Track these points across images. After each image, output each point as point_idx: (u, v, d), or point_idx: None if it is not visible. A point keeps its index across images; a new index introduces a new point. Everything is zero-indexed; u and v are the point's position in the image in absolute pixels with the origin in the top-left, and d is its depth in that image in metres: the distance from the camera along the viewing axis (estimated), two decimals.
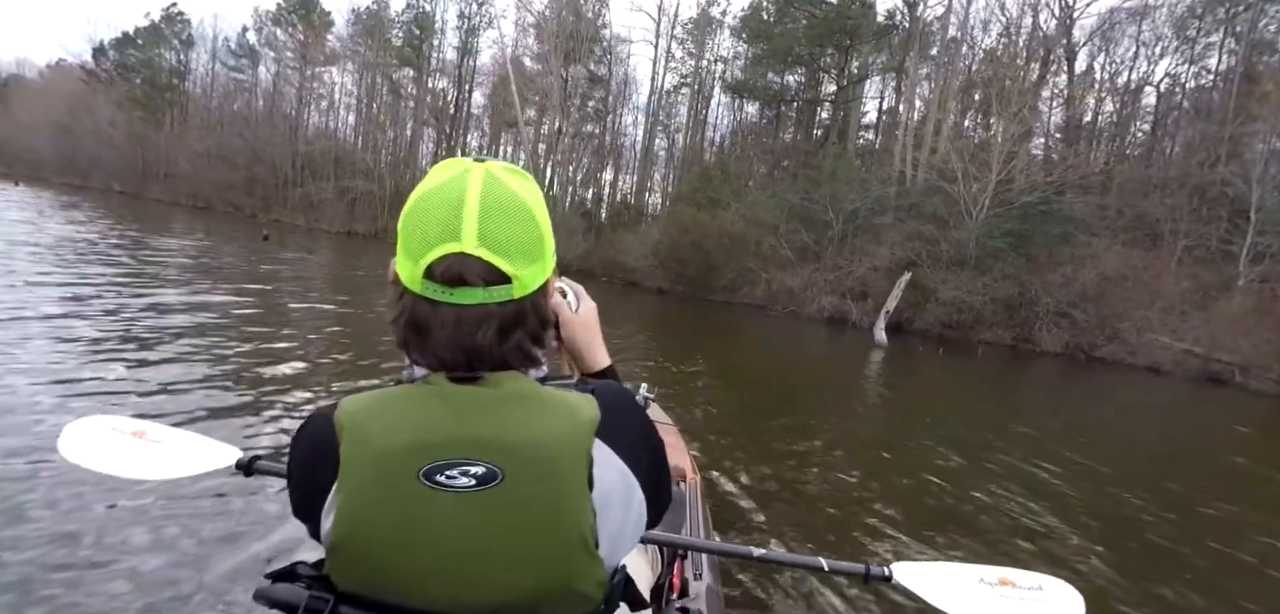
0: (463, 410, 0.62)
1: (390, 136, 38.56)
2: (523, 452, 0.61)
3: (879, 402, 9.00)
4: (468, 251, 0.62)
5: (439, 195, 0.64)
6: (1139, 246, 21.44)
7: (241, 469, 1.21)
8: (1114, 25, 26.96)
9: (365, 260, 19.98)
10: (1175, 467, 7.08)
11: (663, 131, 37.08)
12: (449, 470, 0.60)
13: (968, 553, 3.68)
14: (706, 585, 1.57)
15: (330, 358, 6.18)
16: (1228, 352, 18.74)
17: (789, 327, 18.69)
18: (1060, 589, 1.17)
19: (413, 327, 0.65)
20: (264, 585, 0.70)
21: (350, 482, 0.61)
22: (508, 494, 0.61)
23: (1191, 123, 24.76)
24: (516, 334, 0.66)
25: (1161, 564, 3.93)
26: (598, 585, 0.66)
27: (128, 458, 1.21)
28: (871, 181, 24.00)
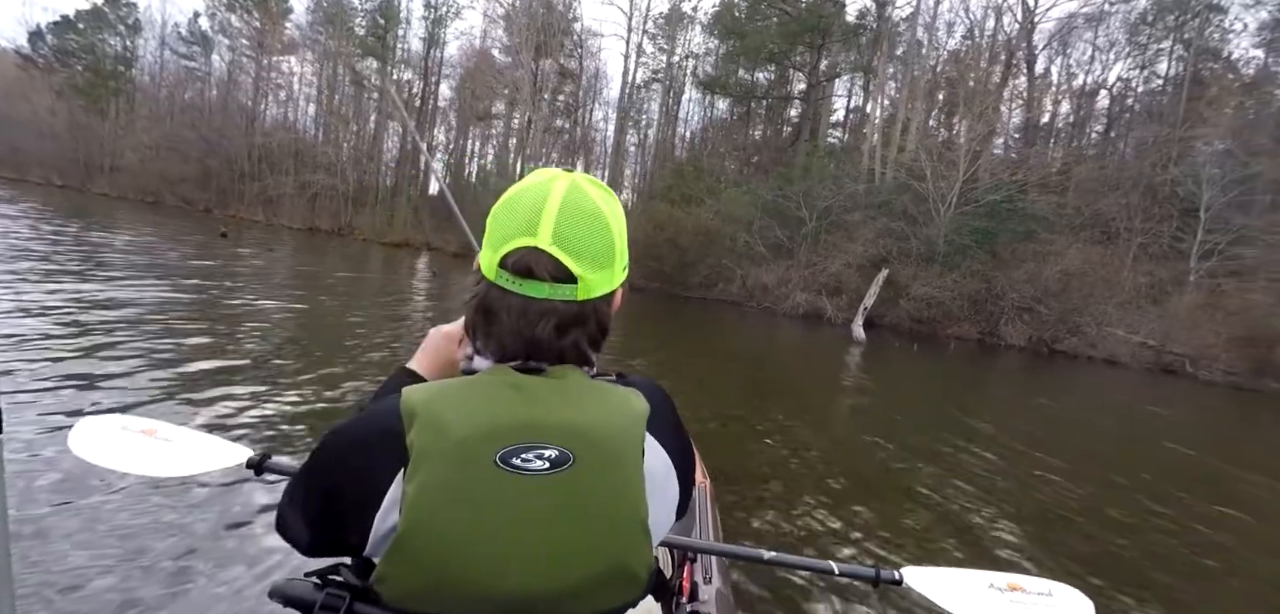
0: (533, 397, 0.65)
1: (353, 130, 37.43)
2: (591, 437, 0.65)
3: (865, 398, 9.04)
4: (541, 247, 0.66)
5: (525, 195, 0.69)
6: (1097, 244, 22.23)
7: (252, 468, 1.21)
8: (1071, 30, 27.94)
9: (328, 258, 19.33)
10: (1152, 459, 7.30)
11: (634, 127, 36.99)
12: (525, 453, 0.62)
13: (967, 551, 3.65)
14: (716, 589, 1.57)
15: (297, 359, 5.85)
16: (1180, 344, 19.60)
17: (766, 323, 18.77)
18: (1069, 595, 1.18)
19: (482, 311, 0.70)
20: (278, 582, 0.70)
21: (426, 468, 0.61)
22: (579, 478, 0.64)
23: (1143, 125, 25.79)
24: (575, 332, 0.69)
25: (1164, 566, 3.98)
26: (647, 570, 0.69)
27: (138, 455, 1.22)
28: (843, 179, 24.31)
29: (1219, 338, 19.35)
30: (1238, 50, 26.12)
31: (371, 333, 7.74)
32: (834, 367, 11.84)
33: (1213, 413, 13.38)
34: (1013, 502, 4.66)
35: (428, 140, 37.23)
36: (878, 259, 21.21)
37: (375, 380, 5.45)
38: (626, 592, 0.69)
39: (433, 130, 38.00)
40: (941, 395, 10.19)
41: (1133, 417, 10.93)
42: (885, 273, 20.00)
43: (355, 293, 11.90)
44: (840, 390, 9.45)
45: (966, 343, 20.19)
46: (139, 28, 42.88)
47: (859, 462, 5.21)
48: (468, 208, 10.66)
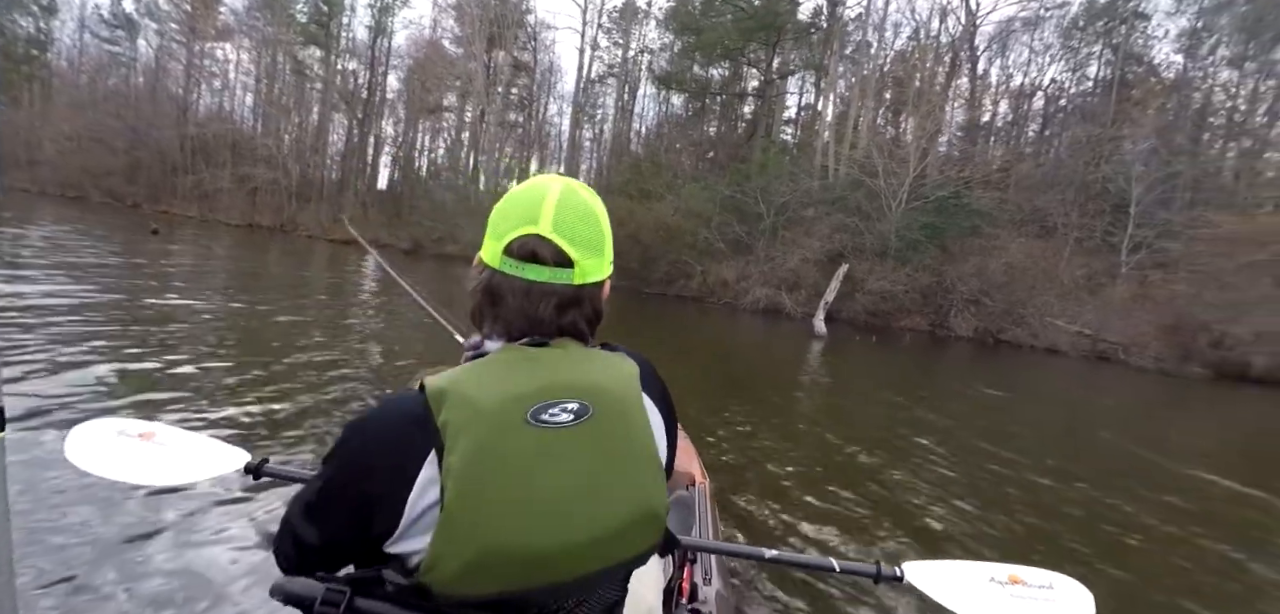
0: (546, 364, 0.72)
1: (295, 121, 35.77)
2: (602, 390, 0.72)
3: (836, 394, 9.14)
4: (542, 234, 0.74)
5: (526, 193, 0.77)
6: (1037, 238, 23.27)
7: (251, 472, 1.21)
8: (1010, 33, 29.13)
9: (270, 255, 18.39)
10: (1093, 445, 7.63)
11: (589, 122, 36.64)
12: (551, 409, 0.68)
13: (954, 542, 3.68)
14: (716, 590, 1.58)
15: (245, 360, 5.46)
16: (1114, 333, 20.73)
17: (727, 318, 18.88)
18: (1070, 587, 1.18)
19: (488, 296, 0.77)
20: (280, 580, 0.71)
21: (465, 440, 0.65)
22: (599, 426, 0.71)
23: (1076, 125, 27.12)
24: (573, 312, 0.76)
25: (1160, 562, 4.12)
26: (665, 509, 0.76)
27: (135, 462, 1.20)
28: (799, 175, 24.68)
29: (1149, 327, 20.56)
30: (1160, 55, 27.80)
31: (319, 335, 7.34)
32: (801, 361, 11.95)
33: (1144, 397, 14.16)
34: (979, 490, 4.74)
35: (374, 131, 35.98)
36: (834, 254, 21.63)
37: (337, 386, 5.14)
38: (652, 533, 0.75)
39: (380, 122, 36.74)
40: (906, 388, 10.40)
41: (1073, 404, 11.45)
42: (845, 268, 20.40)
43: (300, 293, 11.33)
44: (811, 386, 9.53)
45: (918, 334, 20.83)
46: (55, 9, 39.88)
47: (833, 454, 5.22)
48: (419, 202, 10.41)
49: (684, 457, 2.40)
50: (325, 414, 4.38)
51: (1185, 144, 24.29)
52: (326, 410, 4.48)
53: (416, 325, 8.69)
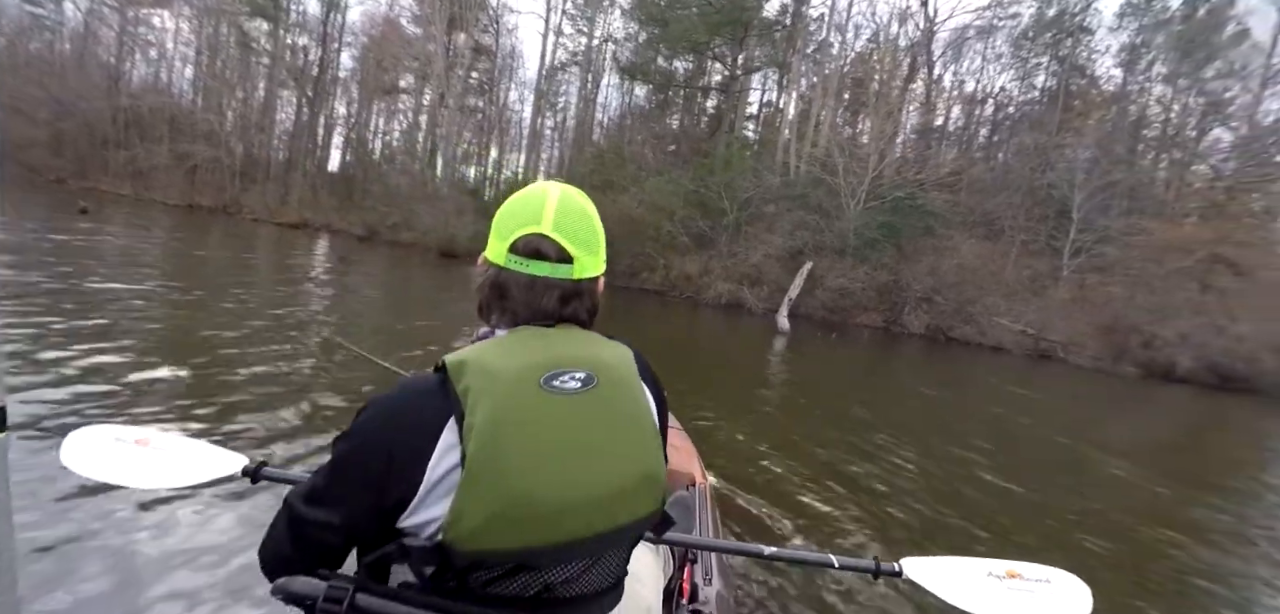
0: (556, 341, 0.79)
1: (239, 96, 33.99)
2: (605, 363, 0.79)
3: (803, 387, 9.24)
4: (545, 233, 0.81)
5: (527, 197, 0.85)
6: (986, 240, 24.17)
7: (248, 476, 1.21)
8: (964, 41, 30.07)
9: (211, 238, 17.45)
10: (1030, 438, 7.96)
11: (551, 110, 36.09)
12: (561, 376, 0.74)
13: (942, 534, 3.73)
14: (717, 591, 1.59)
15: (186, 351, 5.11)
16: (1055, 332, 21.74)
17: (690, 313, 18.93)
18: (1068, 581, 1.20)
19: (495, 290, 0.84)
20: (282, 579, 0.72)
21: (485, 402, 0.70)
22: (603, 393, 0.76)
23: (1024, 132, 28.25)
24: (573, 304, 0.84)
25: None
26: (664, 478, 0.81)
27: (132, 467, 1.20)
28: (762, 171, 24.91)
29: (1087, 327, 21.65)
30: (1102, 69, 29.19)
31: (267, 322, 6.95)
32: (768, 357, 12.06)
33: (1083, 394, 14.88)
34: (948, 486, 4.84)
35: (326, 111, 34.55)
36: (795, 250, 21.94)
37: (289, 380, 4.85)
38: (653, 497, 0.79)
39: (332, 102, 35.29)
40: (872, 385, 10.64)
41: (1019, 402, 11.92)
42: (810, 266, 20.70)
43: (250, 280, 10.76)
44: (782, 382, 9.62)
45: (874, 331, 21.37)
46: None
47: (805, 449, 5.24)
48: (373, 187, 9.97)
49: (684, 457, 2.42)
50: (269, 407, 4.12)
51: (1123, 154, 25.61)
52: (271, 403, 4.21)
53: (372, 315, 8.37)
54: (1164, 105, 27.08)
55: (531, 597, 0.75)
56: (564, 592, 0.77)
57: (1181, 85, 26.11)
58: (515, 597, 0.74)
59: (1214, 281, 21.40)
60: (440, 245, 23.63)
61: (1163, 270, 21.92)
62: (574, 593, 0.78)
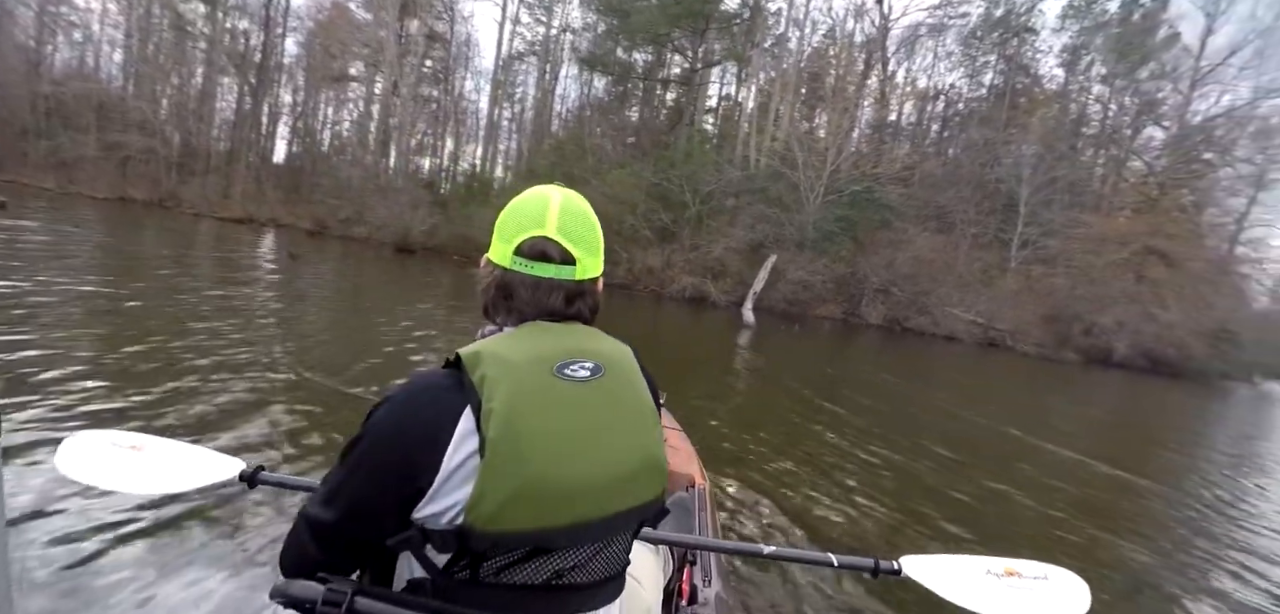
0: (564, 334, 0.82)
1: (175, 83, 32.13)
2: (609, 356, 0.83)
3: (770, 379, 9.26)
4: (549, 235, 0.83)
5: (530, 201, 0.87)
6: (939, 233, 24.90)
7: (245, 481, 1.21)
8: (917, 38, 30.83)
9: (146, 234, 16.43)
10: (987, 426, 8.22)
11: (507, 100, 35.39)
12: (572, 366, 0.78)
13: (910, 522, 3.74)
14: (716, 592, 1.59)
15: (112, 352, 4.72)
16: (1003, 322, 22.58)
17: (654, 306, 18.86)
18: (1066, 578, 1.21)
19: (501, 291, 0.86)
20: (280, 583, 0.73)
21: (503, 387, 0.72)
22: (611, 383, 0.80)
23: (974, 128, 29.20)
24: (577, 304, 0.87)
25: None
26: (666, 465, 0.85)
27: (128, 472, 1.20)
28: (723, 164, 25.00)
29: (1032, 316, 22.56)
30: (1044, 68, 30.39)
31: (213, 321, 6.52)
32: (735, 351, 12.09)
33: (1035, 382, 15.48)
34: (919, 478, 4.89)
35: (270, 99, 33.01)
36: (756, 243, 22.12)
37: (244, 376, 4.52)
38: (657, 482, 0.83)
39: (276, 89, 33.73)
40: (840, 376, 10.75)
41: (971, 390, 12.31)
42: (774, 259, 20.88)
43: (189, 279, 10.12)
44: (753, 375, 9.63)
45: (833, 322, 21.76)
46: None
47: (775, 442, 5.21)
48: (322, 179, 9.45)
49: (684, 458, 2.43)
50: (229, 413, 3.82)
51: (1064, 151, 26.75)
52: (233, 409, 3.91)
53: (325, 315, 7.97)
54: (1102, 104, 28.41)
55: (540, 585, 0.77)
56: (571, 579, 0.79)
57: (1118, 85, 27.42)
58: (524, 585, 0.76)
59: (1148, 272, 22.61)
60: (396, 240, 22.90)
61: (1101, 262, 23.03)
62: (580, 580, 0.80)
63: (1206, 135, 25.51)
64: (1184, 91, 25.86)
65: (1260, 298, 26.27)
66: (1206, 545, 4.42)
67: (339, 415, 4.20)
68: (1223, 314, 22.58)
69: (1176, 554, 4.20)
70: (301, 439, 3.73)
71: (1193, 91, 25.56)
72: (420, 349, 6.87)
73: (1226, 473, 7.34)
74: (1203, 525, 4.91)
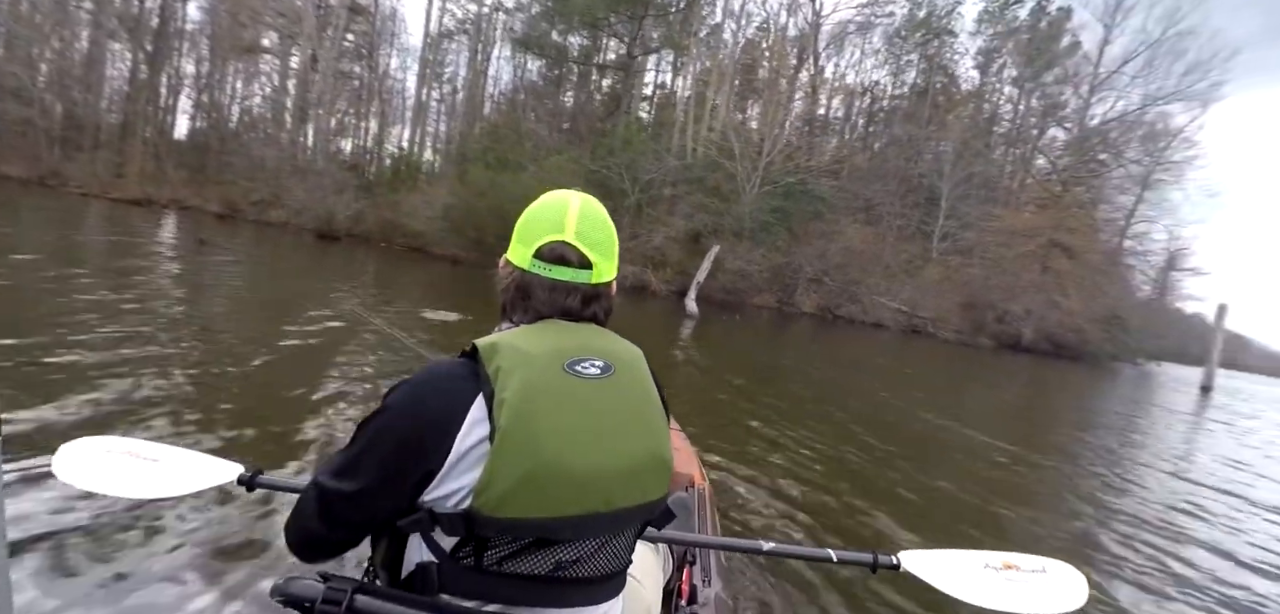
0: (578, 333, 0.84)
1: (56, 46, 28.79)
2: (620, 356, 0.85)
3: (727, 368, 9.28)
4: (568, 240, 0.86)
5: (550, 205, 0.90)
6: (867, 225, 25.92)
7: (244, 484, 1.21)
8: (846, 35, 31.83)
9: (24, 216, 14.67)
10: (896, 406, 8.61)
11: (436, 81, 33.94)
12: (583, 362, 0.80)
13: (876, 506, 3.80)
14: (716, 592, 1.59)
15: None
16: (925, 309, 23.80)
17: None
18: (1063, 571, 1.23)
19: (520, 291, 0.88)
20: (280, 583, 0.73)
21: (516, 377, 0.75)
22: (620, 381, 0.82)
23: (898, 125, 30.53)
24: (593, 306, 0.89)
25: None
26: (671, 463, 0.85)
27: (127, 478, 1.21)
28: (662, 153, 24.96)
29: (951, 305, 23.90)
30: (962, 70, 32.11)
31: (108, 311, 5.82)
32: (681, 342, 12.05)
33: (948, 364, 16.39)
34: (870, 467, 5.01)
35: (169, 68, 30.22)
36: (695, 233, 22.26)
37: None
38: (662, 479, 0.84)
39: (177, 58, 30.89)
40: (787, 364, 10.94)
41: (893, 375, 12.88)
42: (716, 249, 21.02)
43: (77, 267, 9.05)
44: (705, 366, 9.58)
45: (769, 311, 22.26)
46: None
47: (751, 432, 5.20)
48: (233, 159, 8.68)
49: (684, 458, 2.40)
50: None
51: (980, 148, 28.40)
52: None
53: (246, 308, 7.30)
54: (1013, 104, 30.33)
55: (542, 576, 0.77)
56: (572, 572, 0.79)
57: (1027, 88, 29.33)
58: (527, 575, 0.76)
59: (1052, 264, 24.41)
60: (317, 226, 21.53)
61: (1011, 253, 24.69)
62: (581, 574, 0.80)
63: (1102, 137, 27.73)
64: (1084, 96, 28.00)
65: (1144, 287, 28.92)
66: (1098, 513, 4.74)
67: (268, 427, 3.79)
68: (1113, 302, 24.71)
69: (1077, 522, 4.47)
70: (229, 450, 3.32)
71: (1091, 96, 27.73)
72: (348, 340, 6.40)
73: (1117, 448, 7.97)
74: (1099, 498, 5.26)
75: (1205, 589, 3.60)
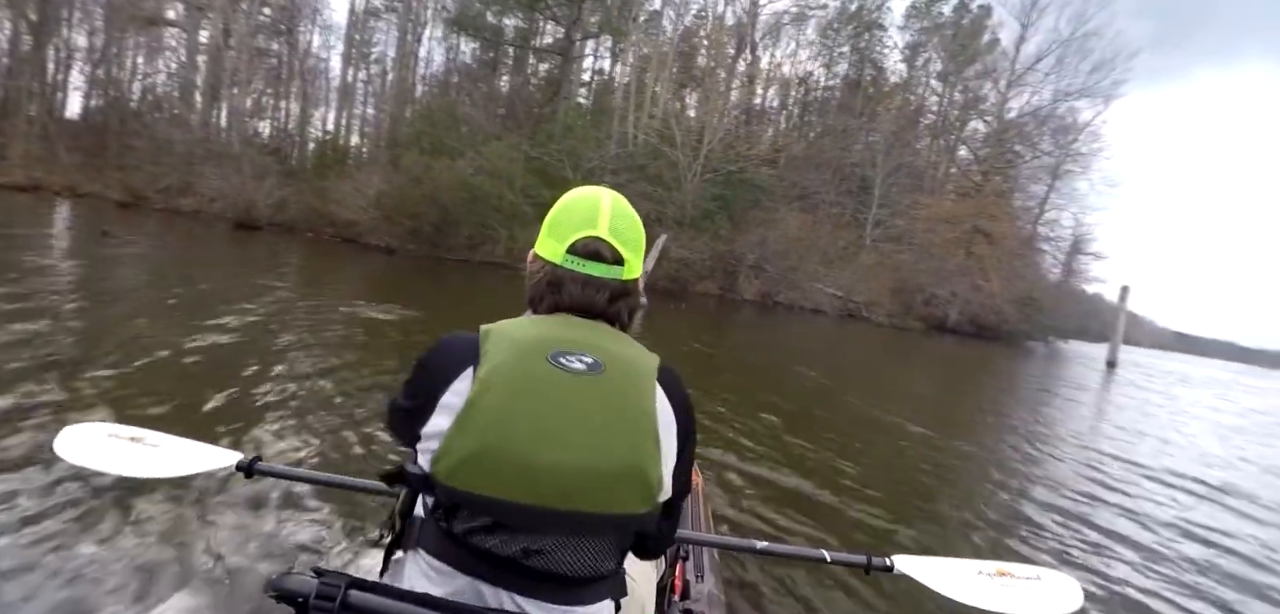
0: (580, 329, 0.84)
1: None
2: (618, 356, 0.82)
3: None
4: (602, 236, 0.88)
5: (583, 200, 0.91)
6: (805, 213, 26.54)
7: (242, 471, 1.24)
8: (781, 26, 32.34)
9: None
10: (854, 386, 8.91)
11: (363, 61, 32.27)
12: (569, 356, 0.79)
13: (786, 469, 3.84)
14: (708, 588, 1.59)
15: None
16: (860, 295, 24.66)
17: None
18: (1057, 579, 1.23)
19: (550, 285, 0.89)
20: (274, 578, 0.75)
21: (493, 359, 0.78)
22: (607, 381, 0.79)
23: (832, 115, 31.36)
24: (620, 303, 0.90)
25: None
26: (658, 483, 0.79)
27: (127, 460, 1.23)
28: (604, 139, 24.68)
29: (884, 289, 24.86)
30: (890, 63, 33.28)
31: None
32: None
33: (881, 347, 17.05)
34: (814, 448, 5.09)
35: (57, 41, 27.38)
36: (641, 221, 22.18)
37: None
38: (640, 496, 0.78)
39: (67, 30, 28.03)
40: (739, 351, 11.02)
41: (833, 356, 13.29)
42: (665, 238, 20.95)
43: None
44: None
45: (712, 298, 22.48)
46: None
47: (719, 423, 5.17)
48: (136, 141, 8.07)
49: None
50: None
51: (909, 139, 29.58)
52: None
53: (164, 312, 6.68)
54: (939, 97, 31.71)
55: (512, 560, 0.77)
56: (542, 564, 0.78)
57: (951, 81, 30.72)
58: (499, 556, 0.77)
59: (974, 249, 25.76)
60: (236, 215, 20.08)
61: (938, 240, 25.88)
62: (553, 569, 0.78)
63: (1018, 130, 29.42)
64: (1002, 90, 29.58)
65: (1054, 271, 31.00)
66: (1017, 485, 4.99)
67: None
68: (1029, 285, 26.34)
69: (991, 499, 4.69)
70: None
71: (1009, 90, 29.32)
72: (278, 334, 5.94)
73: (1034, 424, 8.49)
74: (1013, 467, 5.56)
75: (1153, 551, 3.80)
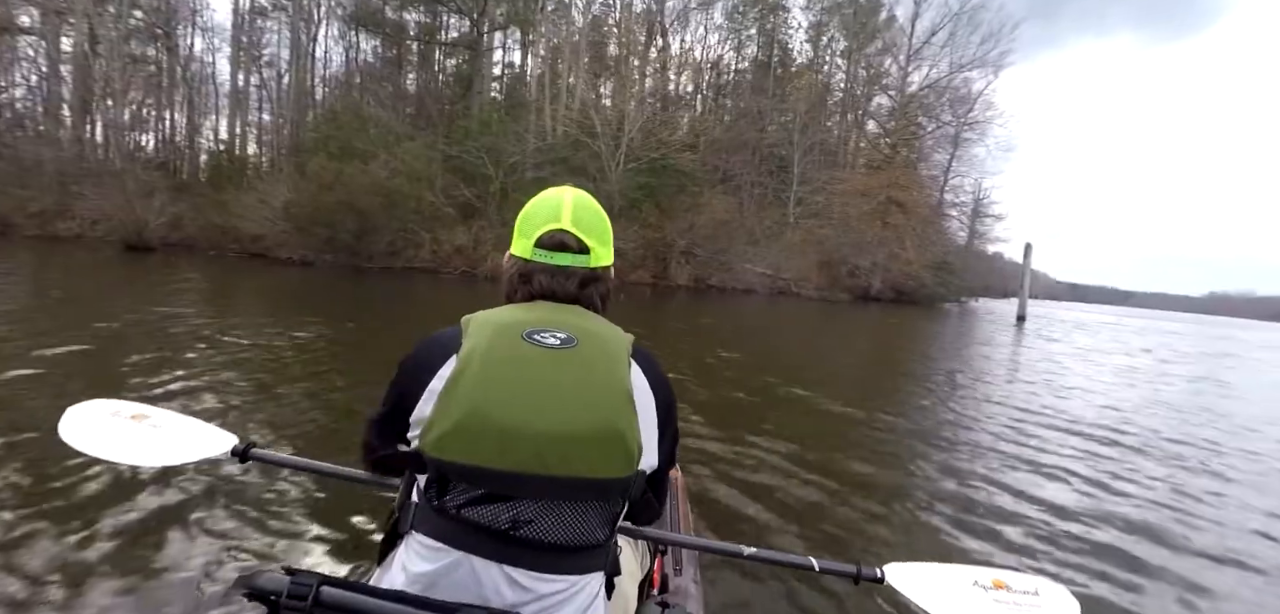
0: (554, 311, 0.90)
1: None
2: (591, 332, 0.87)
3: None
4: (565, 228, 0.94)
5: (547, 199, 0.98)
6: (730, 195, 27.00)
7: (237, 455, 1.26)
8: (689, 10, 32.64)
9: None
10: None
11: (253, 64, 30.03)
12: (544, 333, 0.85)
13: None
14: (687, 582, 1.59)
15: None
16: (788, 272, 25.38)
17: (468, 289, 17.55)
18: (1056, 593, 1.22)
19: (522, 277, 0.95)
20: (245, 576, 0.76)
21: (473, 340, 0.84)
22: (581, 354, 0.84)
23: (747, 98, 32.00)
24: (590, 289, 0.96)
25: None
26: (637, 447, 0.83)
27: (127, 443, 1.26)
28: (524, 134, 24.10)
29: (810, 265, 25.71)
30: (796, 43, 34.31)
31: None
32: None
33: (810, 320, 17.62)
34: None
35: None
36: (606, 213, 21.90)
37: None
38: (619, 459, 0.82)
39: None
40: (686, 337, 10.98)
41: (766, 329, 13.61)
42: None
43: None
44: None
45: (646, 287, 22.48)
46: None
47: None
48: (2, 164, 7.26)
49: None
50: None
51: (819, 116, 30.64)
52: None
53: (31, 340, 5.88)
54: (844, 74, 33.00)
55: (502, 531, 0.80)
56: (530, 533, 0.81)
57: (854, 58, 32.03)
58: (489, 527, 0.80)
59: (890, 220, 27.06)
60: (125, 236, 18.18)
61: (856, 213, 27.01)
62: (541, 537, 0.81)
63: (920, 102, 31.09)
64: (902, 65, 31.14)
65: (961, 235, 33.11)
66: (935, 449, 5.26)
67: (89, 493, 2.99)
68: (941, 250, 27.99)
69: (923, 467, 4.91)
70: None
71: (908, 65, 30.90)
72: (196, 359, 5.36)
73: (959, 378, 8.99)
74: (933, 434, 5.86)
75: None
